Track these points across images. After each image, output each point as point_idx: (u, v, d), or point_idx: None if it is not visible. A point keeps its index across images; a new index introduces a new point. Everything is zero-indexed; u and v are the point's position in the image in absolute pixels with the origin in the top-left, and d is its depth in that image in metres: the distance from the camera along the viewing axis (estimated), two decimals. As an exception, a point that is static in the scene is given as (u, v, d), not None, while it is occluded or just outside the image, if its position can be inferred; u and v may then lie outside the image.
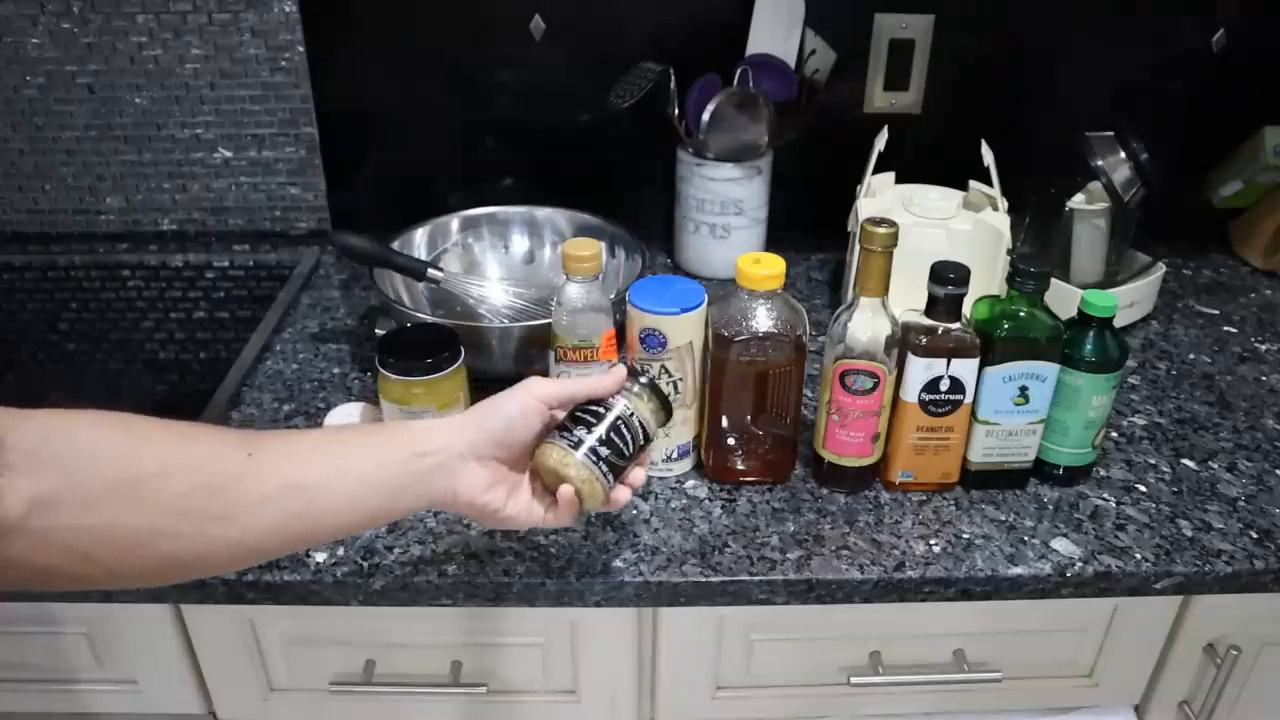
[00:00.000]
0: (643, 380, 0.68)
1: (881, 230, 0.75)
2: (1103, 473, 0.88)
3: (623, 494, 0.67)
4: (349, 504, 0.59)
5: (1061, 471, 0.86)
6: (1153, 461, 0.90)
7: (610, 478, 0.66)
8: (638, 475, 0.69)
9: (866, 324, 0.79)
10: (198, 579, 0.75)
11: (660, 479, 0.87)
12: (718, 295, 0.82)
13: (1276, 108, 1.23)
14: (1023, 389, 0.81)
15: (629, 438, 0.66)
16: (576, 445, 0.64)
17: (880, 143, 1.10)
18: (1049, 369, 0.80)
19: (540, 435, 0.66)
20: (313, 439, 0.62)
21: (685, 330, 0.80)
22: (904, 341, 0.80)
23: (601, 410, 0.66)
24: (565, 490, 0.64)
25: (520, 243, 1.17)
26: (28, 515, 0.49)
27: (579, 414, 0.66)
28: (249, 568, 0.76)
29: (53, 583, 0.54)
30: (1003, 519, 0.83)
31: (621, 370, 0.68)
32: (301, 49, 1.19)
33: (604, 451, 0.65)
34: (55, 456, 0.50)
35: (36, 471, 0.49)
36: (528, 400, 0.64)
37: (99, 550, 0.52)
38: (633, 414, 0.66)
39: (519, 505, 0.65)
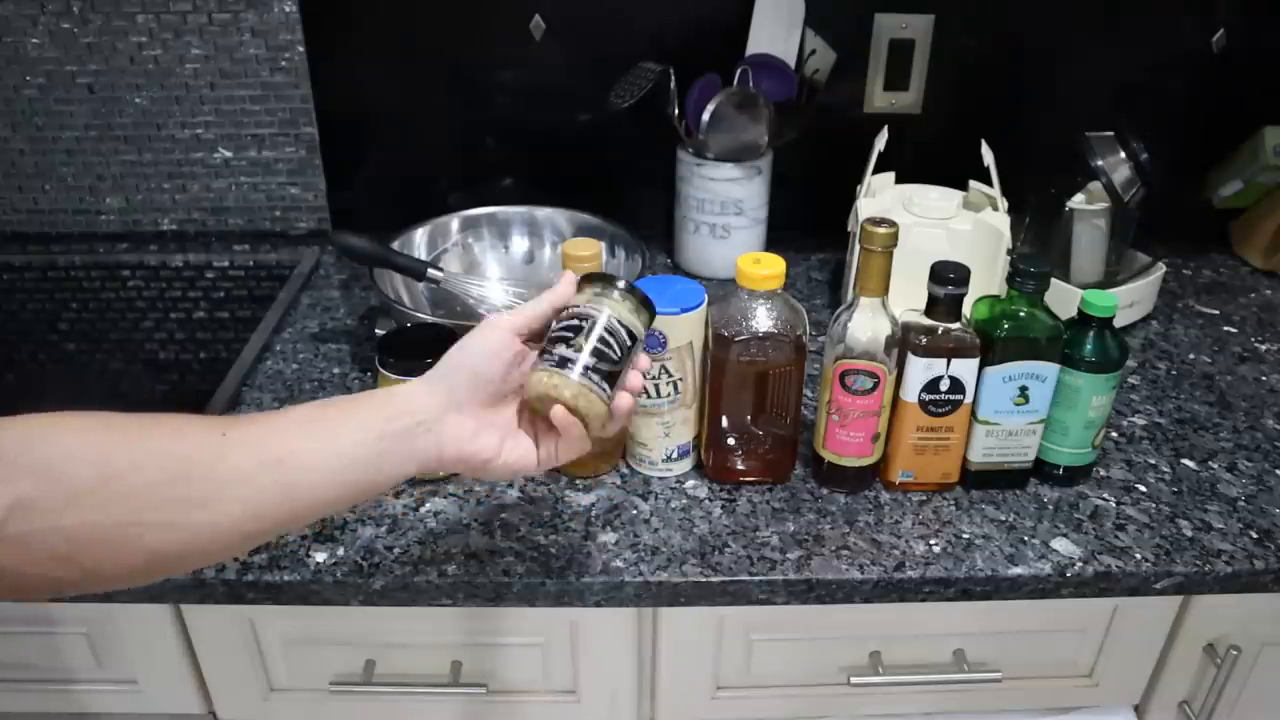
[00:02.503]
0: (619, 285, 0.64)
1: (881, 230, 0.75)
2: (1103, 473, 0.88)
3: (625, 400, 0.64)
4: (330, 476, 0.57)
5: (1061, 471, 0.86)
6: (1153, 461, 0.90)
7: (607, 387, 0.62)
8: (634, 380, 0.65)
9: (866, 324, 0.79)
10: (194, 577, 0.76)
11: (660, 479, 0.87)
12: (718, 295, 0.82)
13: (1276, 108, 1.23)
14: (1023, 389, 0.81)
15: (615, 344, 0.63)
16: (563, 364, 0.61)
17: (880, 143, 1.11)
18: (1049, 369, 0.80)
19: (512, 364, 0.63)
20: (289, 416, 0.59)
21: (685, 330, 0.80)
22: (904, 341, 0.80)
23: (580, 324, 0.62)
24: (559, 412, 0.61)
25: (520, 243, 1.17)
26: (5, 522, 0.49)
27: (557, 334, 0.62)
28: (250, 569, 0.76)
29: (40, 589, 0.53)
30: (1003, 519, 0.83)
31: (570, 273, 0.64)
32: (301, 49, 1.19)
33: (592, 361, 0.61)
34: (34, 463, 0.50)
35: (15, 478, 0.50)
36: (492, 334, 0.62)
37: (80, 552, 0.52)
38: (614, 319, 0.63)
39: (517, 451, 0.63)
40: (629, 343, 0.64)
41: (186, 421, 0.56)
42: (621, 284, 0.64)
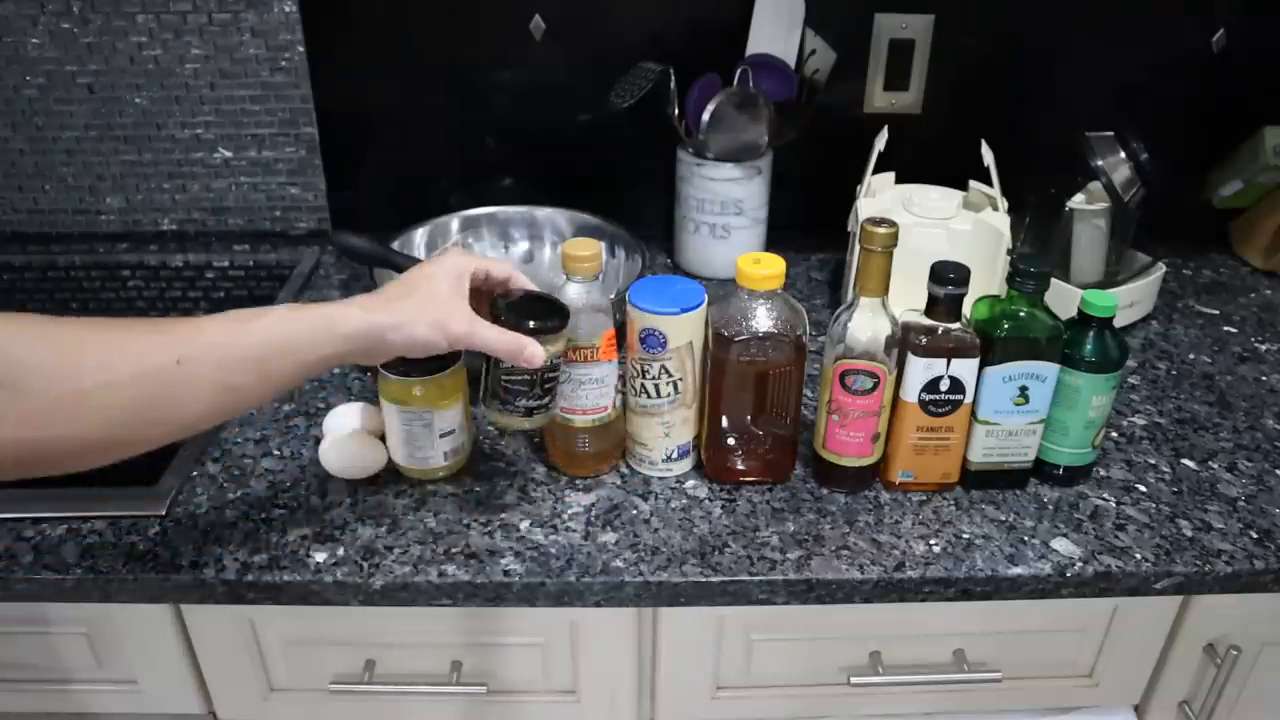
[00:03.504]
0: (548, 326, 0.73)
1: (881, 230, 0.75)
2: (1103, 473, 0.88)
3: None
4: (277, 392, 0.67)
5: (1061, 471, 0.86)
6: (1153, 461, 0.90)
7: (557, 400, 0.78)
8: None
9: (866, 324, 0.79)
10: (194, 577, 0.76)
11: (660, 479, 0.87)
12: (718, 295, 0.82)
13: (1276, 108, 1.23)
14: (1023, 389, 0.81)
15: (556, 374, 0.76)
16: (529, 413, 0.76)
17: (880, 143, 1.11)
18: (1049, 369, 0.80)
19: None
20: (243, 345, 0.64)
21: (685, 330, 0.80)
22: (904, 341, 0.80)
23: (531, 377, 0.74)
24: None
25: (520, 243, 1.17)
26: None
27: (514, 387, 0.74)
28: (250, 569, 0.76)
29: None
30: (1003, 519, 0.83)
31: (535, 356, 0.71)
32: (301, 49, 1.19)
33: (547, 400, 0.76)
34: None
35: None
36: (438, 340, 0.70)
37: (43, 462, 0.57)
38: (554, 357, 0.74)
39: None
40: (561, 361, 0.77)
41: (145, 339, 0.60)
42: (549, 324, 0.73)
